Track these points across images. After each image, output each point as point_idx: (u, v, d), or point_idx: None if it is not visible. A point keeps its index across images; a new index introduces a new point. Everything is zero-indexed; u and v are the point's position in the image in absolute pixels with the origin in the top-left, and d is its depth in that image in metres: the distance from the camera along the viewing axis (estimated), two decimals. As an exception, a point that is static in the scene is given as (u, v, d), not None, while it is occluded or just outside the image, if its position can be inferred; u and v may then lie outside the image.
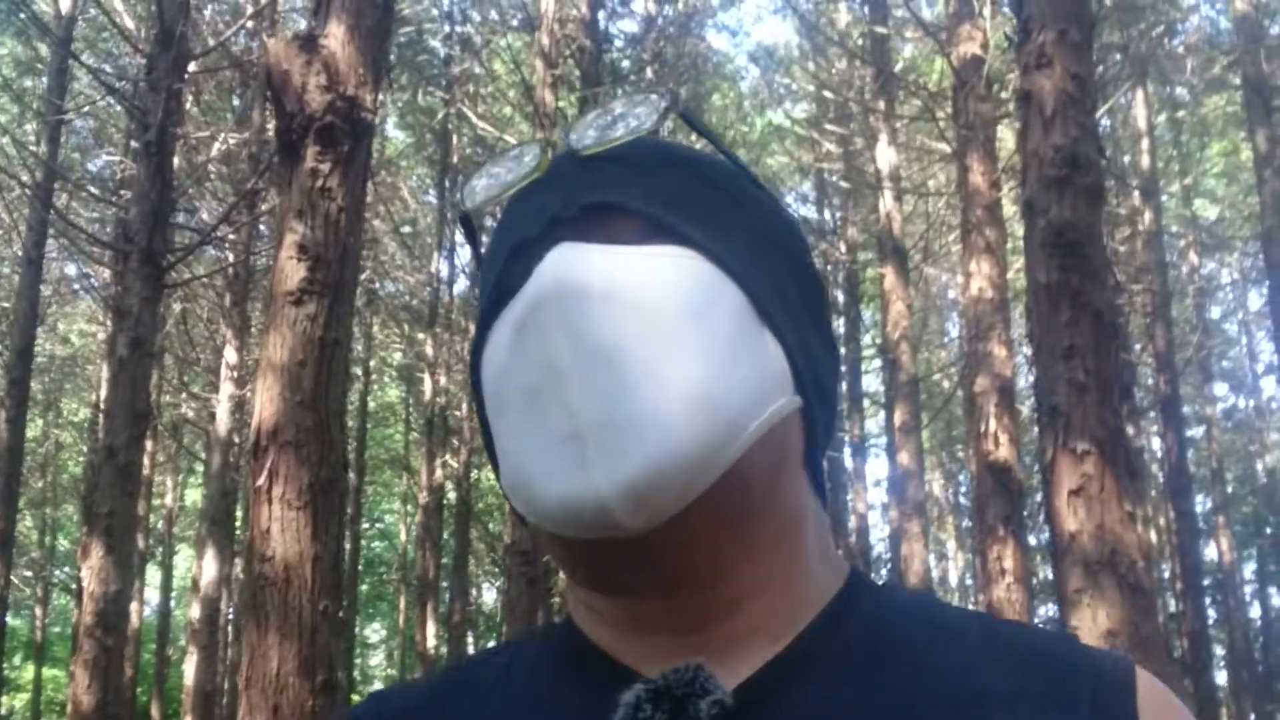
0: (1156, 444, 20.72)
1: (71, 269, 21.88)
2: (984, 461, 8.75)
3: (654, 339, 0.66)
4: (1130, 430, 16.04)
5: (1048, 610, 20.34)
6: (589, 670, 0.73)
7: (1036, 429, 4.99)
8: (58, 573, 28.02)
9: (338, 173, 4.95)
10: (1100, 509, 4.40)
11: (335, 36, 5.12)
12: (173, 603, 25.08)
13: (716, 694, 0.66)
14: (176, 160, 11.18)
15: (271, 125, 13.11)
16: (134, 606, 18.66)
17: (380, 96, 5.78)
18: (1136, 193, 16.01)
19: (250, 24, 13.46)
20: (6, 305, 21.15)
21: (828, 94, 16.51)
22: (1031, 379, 5.08)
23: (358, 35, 5.16)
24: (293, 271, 4.80)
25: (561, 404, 0.65)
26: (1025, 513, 9.39)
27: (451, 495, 19.70)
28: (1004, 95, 10.52)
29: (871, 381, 23.46)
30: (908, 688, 0.68)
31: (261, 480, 4.56)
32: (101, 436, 9.69)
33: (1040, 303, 4.72)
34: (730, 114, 21.30)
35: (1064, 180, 4.75)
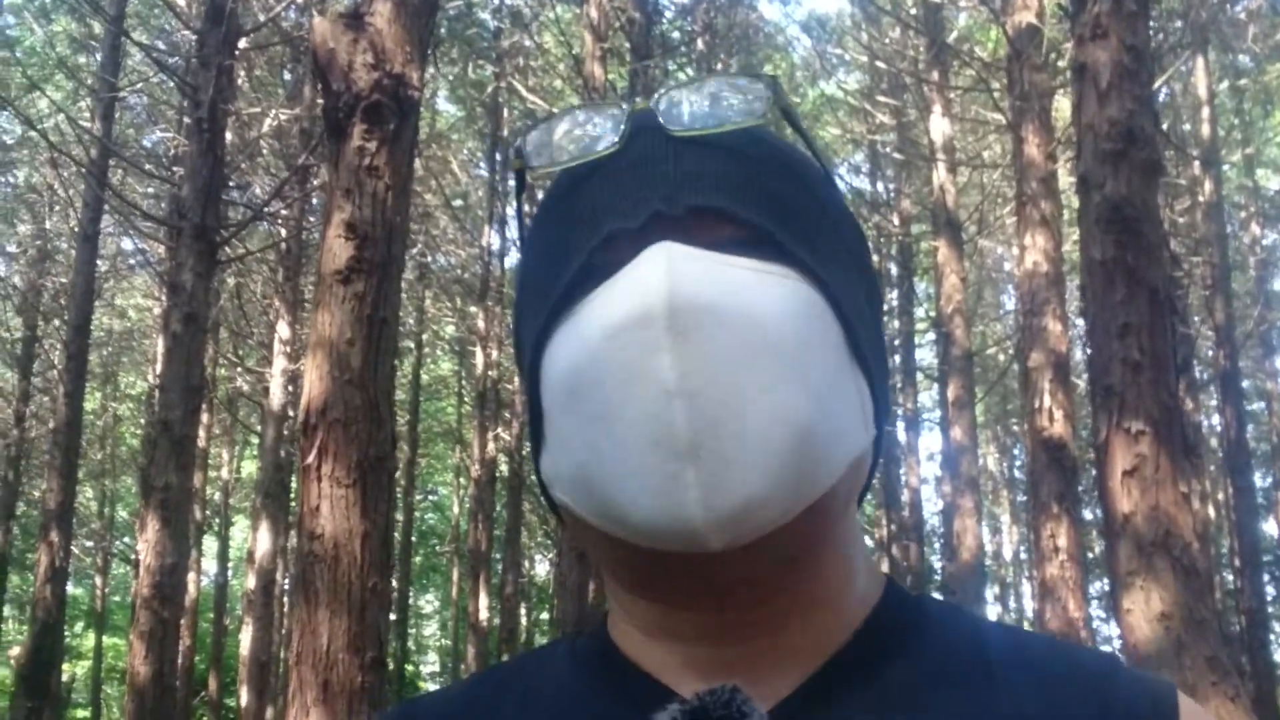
0: (1216, 419, 20.40)
1: (127, 244, 22.17)
2: (1038, 438, 8.64)
3: (764, 368, 0.64)
4: (1189, 405, 15.82)
5: (1102, 584, 20.12)
6: (621, 686, 0.72)
7: (1091, 407, 4.91)
8: (117, 543, 28.54)
9: (385, 151, 4.95)
10: (1155, 490, 4.32)
11: (381, 14, 5.10)
12: (229, 573, 25.47)
13: (754, 717, 0.65)
14: (229, 136, 11.26)
15: (322, 101, 13.16)
16: (191, 577, 18.95)
17: (428, 72, 5.76)
18: (1196, 163, 15.69)
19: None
20: (64, 281, 21.50)
21: (880, 64, 16.31)
22: (1087, 354, 5.00)
23: (404, 13, 5.14)
24: (340, 250, 4.81)
25: (663, 423, 0.63)
26: (1080, 488, 9.27)
27: (504, 468, 19.80)
28: (1060, 65, 10.33)
29: (924, 354, 23.29)
30: (945, 713, 0.67)
31: (311, 458, 4.59)
32: (157, 410, 9.81)
33: (1095, 279, 4.63)
34: (783, 85, 21.11)
35: (1120, 154, 4.65)
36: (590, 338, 0.66)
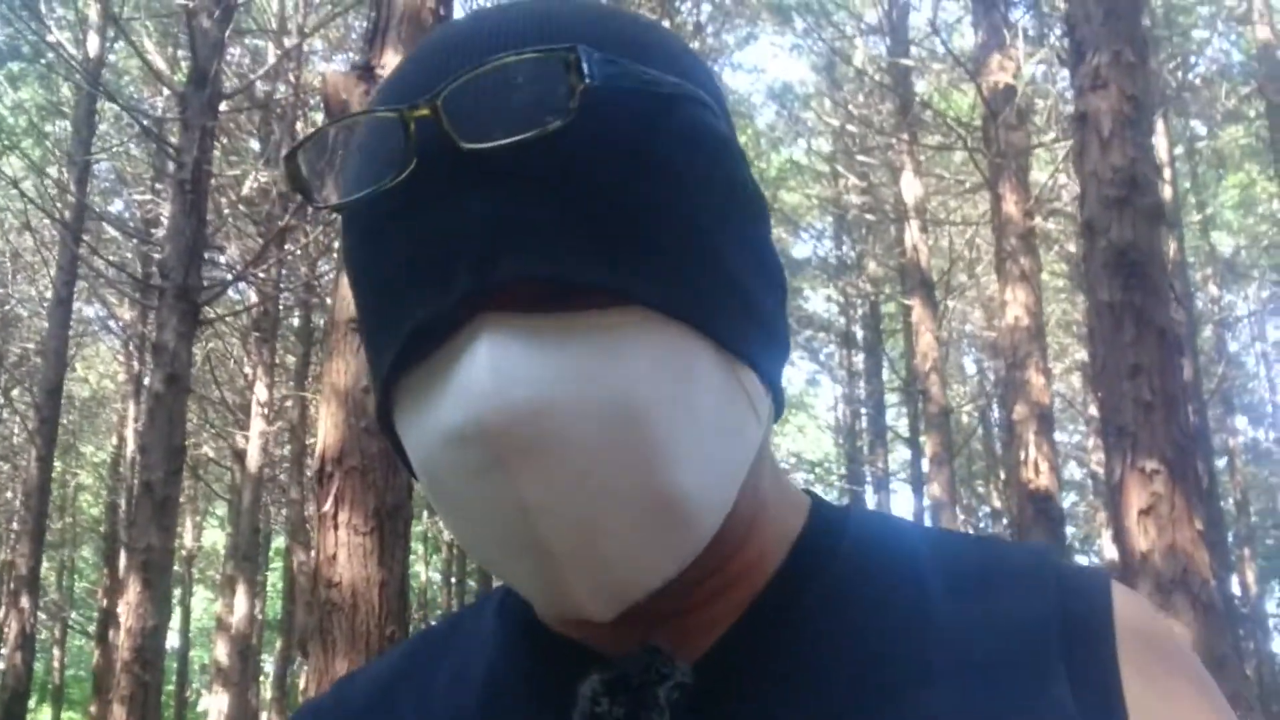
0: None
1: (90, 311, 22.01)
2: (1024, 489, 8.72)
3: (622, 455, 0.58)
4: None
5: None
6: (549, 648, 0.69)
7: (1103, 439, 4.97)
8: (75, 615, 27.99)
9: (398, 200, 4.98)
10: (1172, 528, 4.38)
11: (390, 66, 5.15)
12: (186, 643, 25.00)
13: (675, 676, 0.62)
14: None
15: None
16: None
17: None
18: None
19: (272, 64, 13.61)
20: (29, 346, 21.28)
21: (850, 127, 16.60)
22: (1098, 396, 5.07)
23: (414, 65, 5.20)
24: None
25: (527, 536, 0.58)
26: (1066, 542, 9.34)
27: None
28: (1037, 121, 10.56)
29: (892, 415, 23.43)
30: (876, 639, 0.64)
31: (328, 505, 4.56)
32: (139, 473, 9.71)
33: (1103, 322, 4.72)
34: (749, 151, 21.43)
35: (1123, 200, 4.76)
36: (427, 446, 0.61)
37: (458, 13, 6.06)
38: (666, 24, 16.28)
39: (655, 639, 0.64)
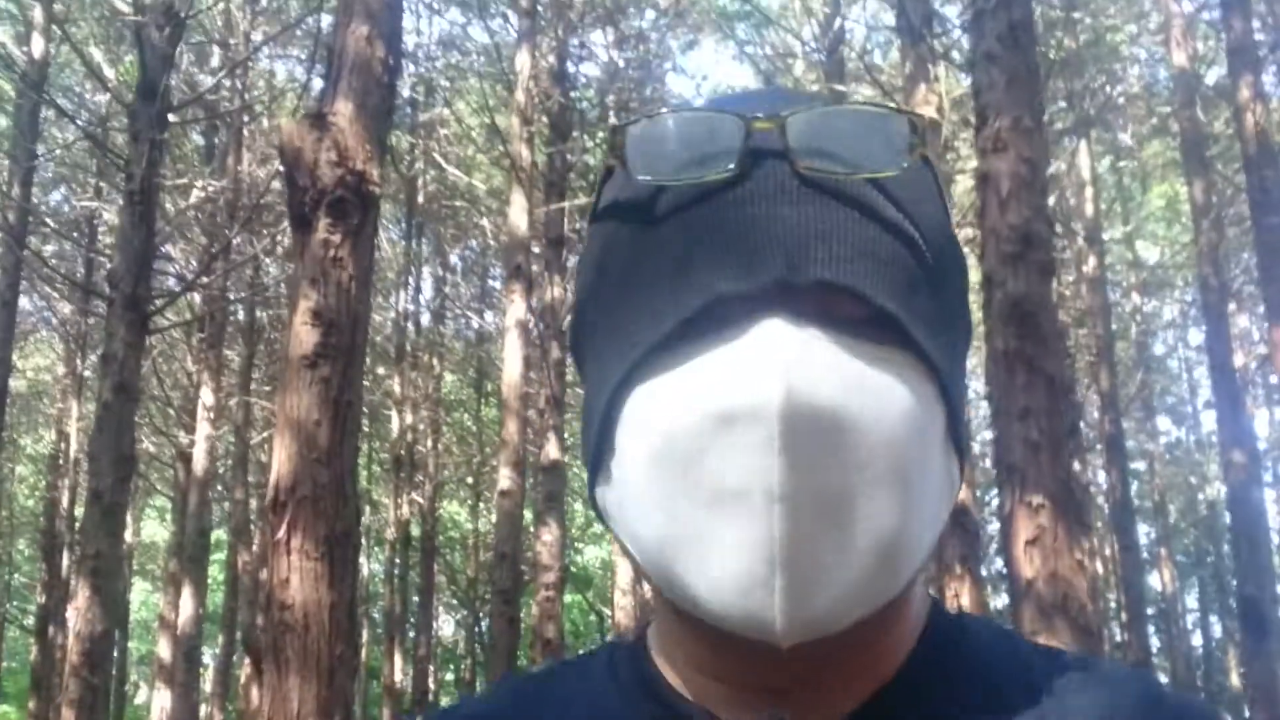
0: (1102, 477, 21.36)
1: (26, 303, 21.93)
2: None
3: (869, 477, 0.62)
4: (1077, 466, 16.63)
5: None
6: (665, 713, 0.71)
7: (996, 475, 5.43)
8: (12, 608, 27.83)
9: (348, 243, 5.30)
10: (1054, 558, 4.83)
11: (343, 114, 5.46)
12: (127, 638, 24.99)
13: None
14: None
15: (247, 174, 13.47)
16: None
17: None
18: (1080, 239, 16.64)
19: (217, 68, 13.77)
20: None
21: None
22: (993, 435, 5.53)
23: (364, 113, 5.51)
24: (307, 336, 5.14)
25: (760, 526, 0.60)
26: (984, 547, 9.84)
27: (415, 531, 19.94)
28: (961, 151, 11.03)
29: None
30: None
31: (281, 533, 4.89)
32: (87, 480, 9.90)
33: (998, 368, 5.16)
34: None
35: (1018, 256, 5.21)
36: (692, 413, 0.63)
37: (404, 66, 6.35)
38: (611, 31, 16.67)
39: (780, 711, 0.66)
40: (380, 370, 19.52)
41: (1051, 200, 16.16)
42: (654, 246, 0.66)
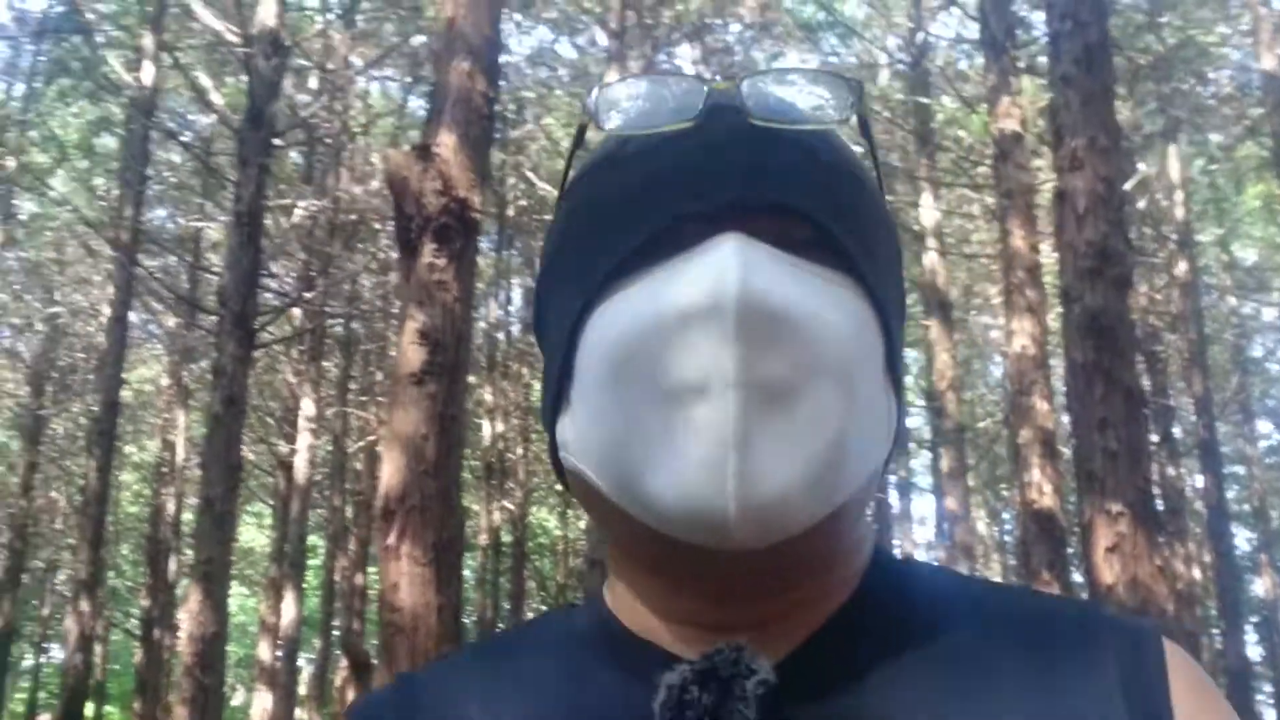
0: (1199, 482, 21.08)
1: (133, 316, 22.69)
2: (1029, 510, 9.29)
3: (818, 377, 0.65)
4: (1172, 471, 16.50)
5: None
6: (628, 654, 0.73)
7: (1076, 483, 5.58)
8: (116, 612, 28.70)
9: (452, 267, 5.61)
10: (1134, 564, 4.97)
11: (447, 145, 5.78)
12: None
13: (761, 673, 0.67)
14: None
15: (344, 195, 13.96)
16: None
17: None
18: (1172, 242, 16.52)
19: (317, 90, 14.26)
20: (79, 355, 22.04)
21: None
22: (1073, 443, 5.67)
23: (466, 144, 5.82)
24: (414, 355, 5.45)
25: (715, 410, 0.64)
26: (1070, 550, 9.88)
27: (506, 537, 20.34)
28: (1039, 163, 11.09)
29: (914, 422, 23.95)
30: (945, 659, 0.70)
31: (391, 540, 5.21)
32: (200, 489, 10.39)
33: (1077, 380, 5.31)
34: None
35: (1095, 271, 5.35)
36: (652, 315, 0.67)
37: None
38: (699, 46, 16.89)
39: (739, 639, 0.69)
40: (471, 379, 19.96)
41: (1142, 204, 16.11)
42: (615, 188, 0.72)
